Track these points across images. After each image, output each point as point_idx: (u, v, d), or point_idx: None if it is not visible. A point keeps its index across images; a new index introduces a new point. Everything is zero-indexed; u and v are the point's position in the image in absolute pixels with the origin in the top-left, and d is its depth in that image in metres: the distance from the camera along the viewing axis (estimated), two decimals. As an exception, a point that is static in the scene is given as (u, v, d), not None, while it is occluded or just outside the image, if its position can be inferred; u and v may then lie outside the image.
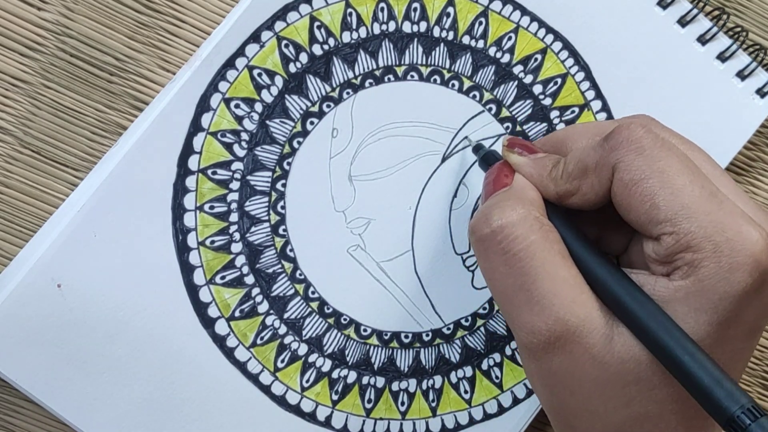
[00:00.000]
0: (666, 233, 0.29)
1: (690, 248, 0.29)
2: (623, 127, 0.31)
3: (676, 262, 0.29)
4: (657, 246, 0.30)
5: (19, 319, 0.35)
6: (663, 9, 0.40)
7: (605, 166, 0.31)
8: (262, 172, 0.37)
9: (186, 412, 0.37)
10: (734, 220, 0.29)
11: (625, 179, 0.30)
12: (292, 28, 0.37)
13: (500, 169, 0.34)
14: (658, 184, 0.29)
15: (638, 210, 0.30)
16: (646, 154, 0.30)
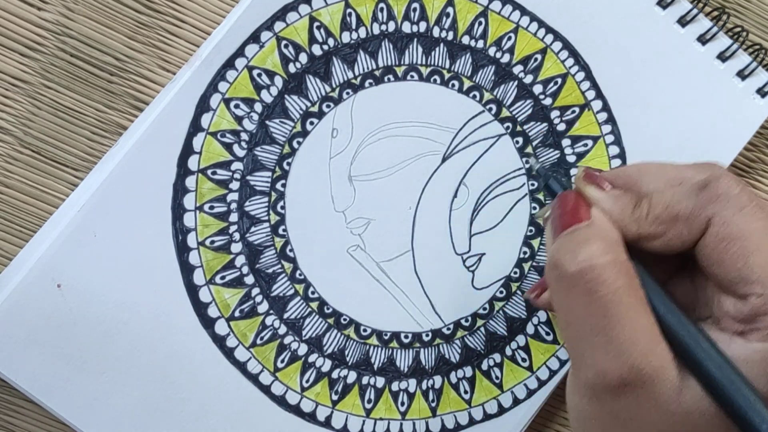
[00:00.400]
0: (755, 294, 0.29)
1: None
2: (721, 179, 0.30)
3: (757, 323, 0.29)
4: (741, 305, 0.29)
5: (19, 319, 0.35)
6: (663, 9, 0.40)
7: (700, 217, 0.30)
8: (262, 172, 0.37)
9: (186, 412, 0.37)
10: None
11: (722, 234, 0.30)
12: (292, 29, 0.37)
13: (576, 200, 0.33)
14: (755, 245, 0.29)
15: (730, 266, 0.29)
16: (745, 211, 0.30)
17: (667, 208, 0.31)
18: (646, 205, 0.32)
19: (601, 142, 0.40)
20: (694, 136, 0.41)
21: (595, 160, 0.40)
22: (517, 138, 0.40)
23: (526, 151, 0.39)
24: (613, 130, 0.40)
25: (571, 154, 0.40)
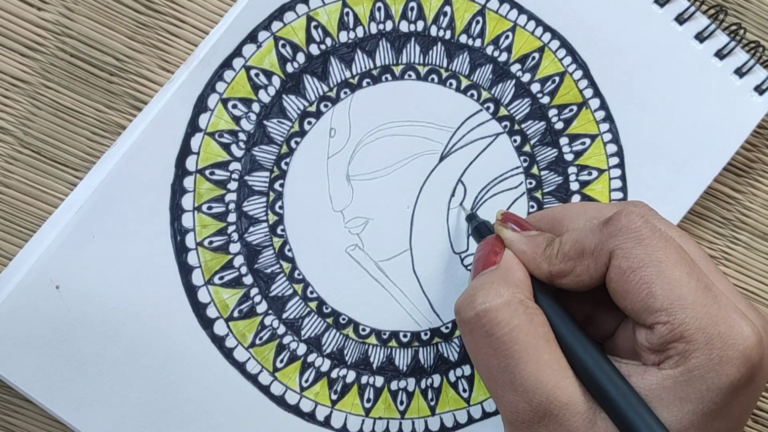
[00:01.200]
0: (660, 322, 0.29)
1: (683, 339, 0.29)
2: (623, 214, 0.31)
3: (668, 351, 0.30)
4: (650, 335, 0.30)
5: (17, 320, 0.35)
6: (660, 6, 0.40)
7: (603, 251, 0.31)
8: (260, 172, 0.37)
9: (185, 412, 0.37)
10: (728, 314, 0.30)
11: (623, 266, 0.30)
12: (289, 28, 0.37)
13: (491, 245, 0.34)
14: (656, 274, 0.30)
15: (634, 298, 0.30)
16: (645, 243, 0.30)
17: (575, 244, 0.32)
18: (557, 243, 0.33)
19: (598, 140, 0.40)
20: (692, 134, 0.41)
21: (593, 158, 0.40)
22: (515, 137, 0.40)
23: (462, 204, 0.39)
24: (611, 128, 0.40)
25: (569, 152, 0.40)
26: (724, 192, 0.43)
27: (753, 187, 0.43)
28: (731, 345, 0.29)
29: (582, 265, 0.32)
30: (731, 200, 0.43)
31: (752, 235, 0.43)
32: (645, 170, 0.40)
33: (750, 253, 0.43)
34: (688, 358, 0.29)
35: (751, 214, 0.43)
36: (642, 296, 0.30)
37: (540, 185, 0.40)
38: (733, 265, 0.43)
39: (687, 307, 0.29)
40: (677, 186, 0.41)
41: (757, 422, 0.44)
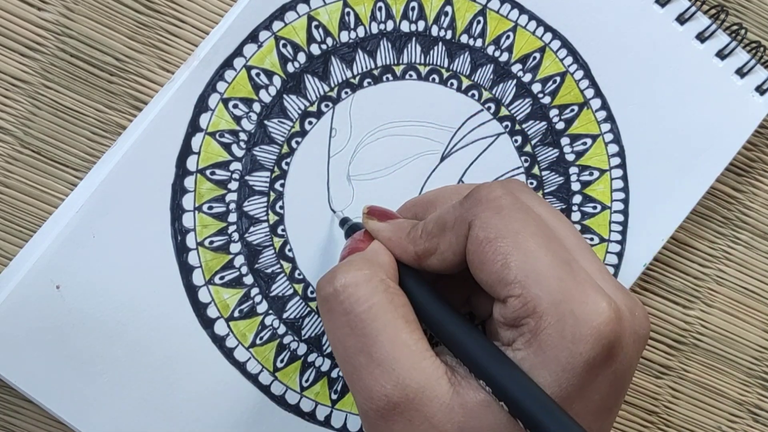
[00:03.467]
0: (513, 295, 0.28)
1: (535, 314, 0.28)
2: (483, 186, 0.31)
3: (521, 327, 0.28)
4: (504, 309, 0.29)
5: (18, 320, 0.35)
6: (661, 6, 0.40)
7: (462, 223, 0.30)
8: (261, 172, 0.37)
9: (185, 412, 0.37)
10: (584, 290, 0.28)
11: (480, 236, 0.29)
12: (290, 28, 0.37)
13: (356, 240, 0.34)
14: (512, 245, 0.29)
15: (489, 269, 0.29)
16: (503, 214, 0.29)
17: (437, 221, 0.31)
18: (422, 224, 0.32)
19: (600, 140, 0.40)
20: (693, 134, 0.41)
21: (594, 159, 0.40)
22: (516, 137, 0.40)
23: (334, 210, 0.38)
24: (612, 128, 0.40)
25: (570, 152, 0.40)
26: (724, 191, 0.43)
27: (753, 186, 0.43)
28: (584, 322, 0.28)
29: (444, 241, 0.31)
30: (732, 200, 0.43)
31: (753, 234, 0.43)
32: (646, 170, 0.40)
33: (751, 252, 0.43)
34: (539, 335, 0.28)
35: (752, 213, 0.43)
36: (497, 267, 0.29)
37: (541, 185, 0.40)
38: (734, 265, 0.43)
39: (541, 281, 0.28)
40: (679, 186, 0.41)
41: (758, 422, 0.44)
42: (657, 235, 0.41)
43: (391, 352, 0.29)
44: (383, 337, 0.29)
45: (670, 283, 0.43)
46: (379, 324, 0.29)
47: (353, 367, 0.30)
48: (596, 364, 0.28)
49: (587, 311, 0.28)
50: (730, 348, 0.44)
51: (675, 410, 0.43)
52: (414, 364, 0.29)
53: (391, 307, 0.30)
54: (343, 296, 0.30)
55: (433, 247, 0.31)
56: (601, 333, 0.28)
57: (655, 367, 0.43)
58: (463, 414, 0.28)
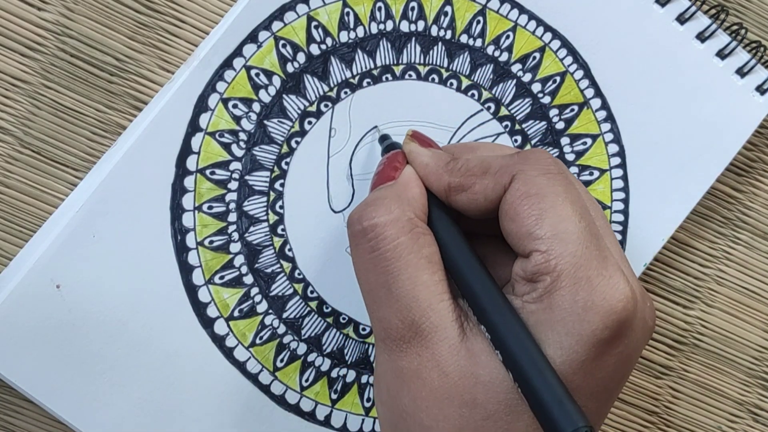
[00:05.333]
0: (538, 250, 0.29)
1: (554, 272, 0.28)
2: (536, 149, 0.32)
3: (537, 283, 0.29)
4: (525, 263, 0.29)
5: (18, 320, 0.35)
6: (661, 6, 0.40)
7: (507, 173, 0.31)
8: (261, 171, 0.37)
9: (185, 412, 0.37)
10: (605, 264, 0.29)
11: (522, 190, 0.30)
12: (290, 28, 0.37)
13: (391, 160, 0.34)
14: (550, 204, 0.29)
15: (522, 221, 0.30)
16: (548, 176, 0.30)
17: (481, 162, 0.32)
18: (463, 160, 0.32)
19: (600, 140, 0.40)
20: (694, 134, 0.41)
21: (594, 158, 0.40)
22: (516, 136, 0.40)
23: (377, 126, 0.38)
24: (612, 128, 0.40)
25: (570, 152, 0.40)
26: (725, 191, 0.43)
27: (754, 186, 0.43)
28: (599, 292, 0.28)
29: (482, 183, 0.31)
30: (732, 200, 0.43)
31: (753, 234, 0.43)
32: (647, 170, 0.40)
33: (751, 252, 0.43)
34: (552, 294, 0.28)
35: (752, 213, 0.43)
36: (530, 221, 0.29)
37: (541, 185, 0.40)
38: (734, 265, 0.43)
39: (568, 242, 0.29)
40: (679, 186, 0.41)
41: (758, 422, 0.44)
42: (657, 235, 0.41)
43: (410, 291, 0.30)
44: (404, 276, 0.30)
45: (671, 283, 0.43)
46: (401, 263, 0.30)
47: (374, 299, 0.31)
48: (603, 339, 0.28)
49: (604, 284, 0.28)
50: (730, 348, 0.44)
51: (675, 410, 0.43)
52: (431, 305, 0.30)
53: (415, 248, 0.30)
54: (371, 235, 0.31)
55: (468, 184, 0.32)
56: (613, 308, 0.28)
57: (656, 367, 0.43)
58: (468, 358, 0.29)
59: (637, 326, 0.29)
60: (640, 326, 0.30)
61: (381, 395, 0.32)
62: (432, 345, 0.30)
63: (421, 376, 0.30)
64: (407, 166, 0.33)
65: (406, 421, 0.30)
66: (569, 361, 0.28)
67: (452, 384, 0.29)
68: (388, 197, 0.32)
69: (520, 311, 0.29)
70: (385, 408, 0.31)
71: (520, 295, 0.30)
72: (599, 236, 0.30)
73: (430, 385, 0.29)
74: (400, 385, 0.30)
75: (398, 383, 0.30)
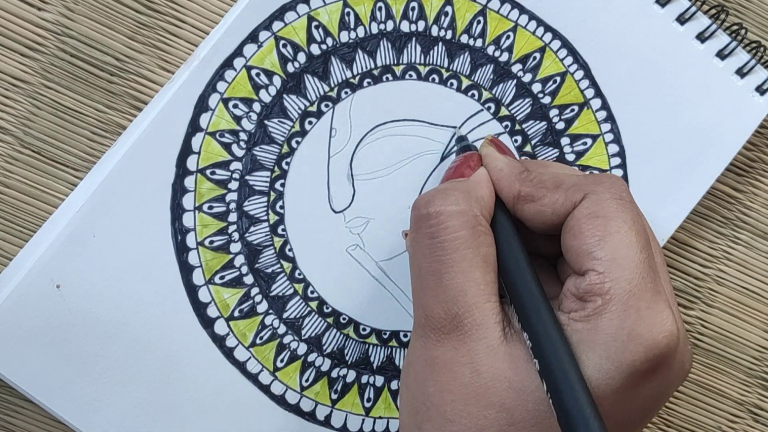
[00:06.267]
0: (595, 270, 0.29)
1: (606, 294, 0.29)
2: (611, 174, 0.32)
3: (587, 303, 0.29)
4: (579, 281, 0.30)
5: (18, 319, 0.35)
6: (662, 7, 0.40)
7: (579, 191, 0.31)
8: (261, 171, 0.37)
9: (185, 412, 0.37)
10: (657, 298, 0.29)
11: (591, 209, 0.30)
12: (290, 28, 0.37)
13: (467, 159, 0.34)
14: (615, 229, 0.30)
15: (584, 239, 0.30)
16: (620, 202, 0.30)
17: (554, 177, 0.32)
18: (537, 172, 0.33)
19: (600, 140, 0.40)
20: (693, 134, 0.41)
21: (594, 159, 0.40)
22: (516, 137, 0.40)
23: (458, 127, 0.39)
24: (613, 128, 0.40)
25: (570, 152, 0.40)
26: (724, 191, 0.43)
27: (754, 186, 0.43)
28: (646, 324, 0.29)
29: (552, 197, 0.31)
30: (732, 200, 0.43)
31: (753, 234, 0.43)
32: (647, 170, 0.40)
33: (751, 252, 0.43)
34: (600, 316, 0.29)
35: (752, 213, 0.43)
36: (592, 240, 0.30)
37: (541, 185, 0.40)
38: (734, 265, 0.43)
39: (626, 268, 0.29)
40: (679, 186, 0.41)
41: (758, 422, 0.44)
42: (657, 235, 0.41)
43: (460, 284, 0.30)
44: (457, 268, 0.30)
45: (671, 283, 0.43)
46: (458, 255, 0.30)
47: (422, 284, 0.31)
48: (642, 371, 0.29)
49: (653, 317, 0.29)
50: (730, 348, 0.44)
51: (675, 410, 0.43)
52: (477, 302, 0.30)
53: (474, 244, 0.31)
54: (434, 221, 0.31)
55: (538, 196, 0.32)
56: (657, 343, 0.29)
57: (655, 367, 0.43)
58: (504, 362, 0.29)
59: (675, 366, 0.30)
60: (678, 367, 0.30)
61: (408, 380, 0.32)
62: (470, 341, 0.30)
63: (453, 369, 0.30)
64: (481, 168, 0.34)
65: (429, 410, 0.30)
66: (604, 386, 0.28)
67: (483, 384, 0.29)
68: (459, 189, 0.32)
69: (565, 327, 0.29)
70: (410, 393, 0.31)
71: (567, 311, 0.30)
72: (656, 270, 0.30)
73: (460, 380, 0.30)
74: (430, 374, 0.30)
75: (428, 371, 0.30)
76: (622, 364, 0.28)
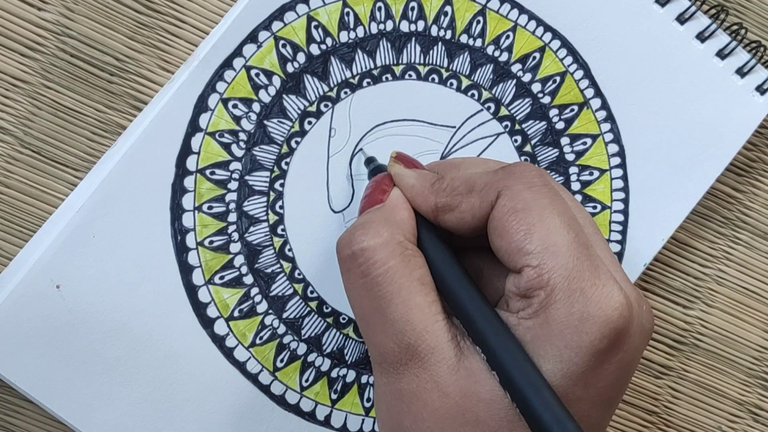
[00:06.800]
0: (530, 266, 0.29)
1: (547, 286, 0.28)
2: (518, 163, 0.31)
3: (531, 298, 0.29)
4: (518, 279, 0.29)
5: (18, 320, 0.35)
6: (661, 6, 0.40)
7: (492, 190, 0.31)
8: (261, 172, 0.37)
9: (185, 412, 0.37)
10: (598, 274, 0.29)
11: (508, 206, 0.30)
12: (290, 28, 0.37)
13: (379, 183, 0.34)
14: (537, 218, 0.29)
15: (511, 237, 0.29)
16: (534, 189, 0.30)
17: (466, 181, 0.32)
18: (448, 179, 0.32)
19: (600, 140, 0.40)
20: (694, 134, 0.41)
21: (594, 158, 0.40)
22: (516, 136, 0.40)
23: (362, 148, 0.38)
24: (612, 128, 0.40)
25: (570, 152, 0.40)
26: (724, 191, 0.43)
27: (754, 186, 0.43)
28: (594, 303, 0.28)
29: (468, 202, 0.31)
30: (732, 200, 0.43)
31: (753, 234, 0.43)
32: (647, 170, 0.40)
33: (751, 252, 0.43)
34: (547, 309, 0.28)
35: (752, 213, 0.43)
36: (519, 237, 0.29)
37: (541, 185, 0.40)
38: (734, 265, 0.43)
39: (559, 256, 0.29)
40: (679, 186, 0.41)
41: (758, 422, 0.44)
42: (657, 235, 0.41)
43: (404, 314, 0.30)
44: (397, 300, 0.30)
45: (670, 283, 0.43)
46: (393, 287, 0.30)
47: (368, 324, 0.31)
48: (602, 349, 0.28)
49: (598, 294, 0.28)
50: (730, 348, 0.44)
51: (675, 410, 0.43)
52: (426, 327, 0.30)
53: (406, 271, 0.30)
54: (361, 259, 0.31)
55: (455, 203, 0.32)
56: (610, 317, 0.28)
57: (655, 367, 0.43)
58: (467, 377, 0.29)
59: (634, 332, 0.29)
60: (638, 332, 0.30)
61: (381, 416, 0.32)
62: (430, 366, 0.29)
63: (421, 397, 0.30)
64: (394, 189, 0.33)
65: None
66: (569, 374, 0.28)
67: (453, 404, 0.29)
68: (377, 221, 0.32)
69: (516, 328, 0.29)
70: (386, 429, 0.31)
71: (515, 311, 0.29)
72: (589, 245, 0.30)
73: (431, 406, 0.29)
74: (400, 407, 0.30)
75: (398, 405, 0.30)
76: (581, 348, 0.28)
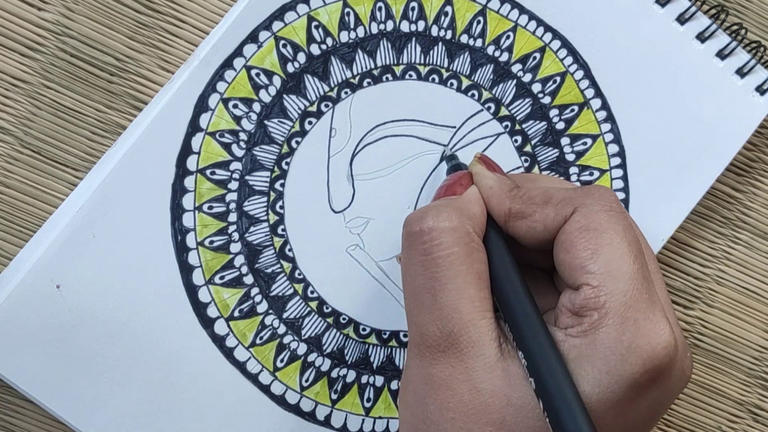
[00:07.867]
0: (590, 285, 0.29)
1: (602, 308, 0.29)
2: (600, 185, 0.32)
3: (583, 318, 0.29)
4: (574, 295, 0.29)
5: (18, 320, 0.35)
6: (662, 6, 0.40)
7: (569, 205, 0.31)
8: (261, 172, 0.37)
9: (185, 412, 0.37)
10: (653, 308, 0.29)
11: (581, 222, 0.30)
12: (290, 28, 0.37)
13: (458, 178, 0.34)
14: (607, 241, 0.30)
15: (576, 253, 0.30)
16: (610, 213, 0.30)
17: (543, 192, 0.32)
18: (526, 188, 0.33)
19: (600, 140, 0.40)
20: (694, 134, 0.41)
21: (594, 159, 0.40)
22: (516, 137, 0.40)
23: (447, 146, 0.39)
24: (612, 128, 0.40)
25: (570, 152, 0.40)
26: (724, 191, 0.43)
27: (754, 186, 0.43)
28: (644, 335, 0.28)
29: (542, 213, 0.31)
30: (732, 200, 0.43)
31: (753, 234, 0.43)
32: (647, 170, 0.40)
33: (751, 252, 0.43)
34: (597, 331, 0.28)
35: (752, 213, 0.43)
36: (585, 254, 0.29)
37: (541, 185, 0.40)
38: (734, 265, 0.43)
39: (620, 280, 0.29)
40: (679, 186, 0.41)
41: (758, 422, 0.44)
42: (657, 235, 0.41)
43: (455, 302, 0.30)
44: (451, 285, 0.30)
45: (671, 283, 0.43)
46: (451, 272, 0.30)
47: (416, 303, 0.31)
48: (642, 383, 0.29)
49: (650, 328, 0.29)
50: (730, 348, 0.44)
51: (675, 410, 0.43)
52: (472, 319, 0.30)
53: (468, 261, 0.30)
54: (427, 237, 0.31)
55: (529, 212, 0.32)
56: (656, 353, 0.28)
57: (655, 367, 0.43)
58: (501, 378, 0.29)
59: (675, 374, 0.30)
60: (678, 376, 0.30)
61: (407, 398, 0.32)
62: (467, 359, 0.30)
63: (451, 386, 0.30)
64: (472, 186, 0.34)
65: (429, 428, 0.30)
66: (604, 400, 0.28)
67: (483, 401, 0.29)
68: (451, 207, 0.32)
69: (562, 344, 0.29)
70: (409, 412, 0.31)
71: (564, 327, 0.30)
72: (650, 280, 0.30)
73: (459, 398, 0.29)
74: (428, 392, 0.30)
75: (426, 389, 0.30)
76: (621, 378, 0.28)
